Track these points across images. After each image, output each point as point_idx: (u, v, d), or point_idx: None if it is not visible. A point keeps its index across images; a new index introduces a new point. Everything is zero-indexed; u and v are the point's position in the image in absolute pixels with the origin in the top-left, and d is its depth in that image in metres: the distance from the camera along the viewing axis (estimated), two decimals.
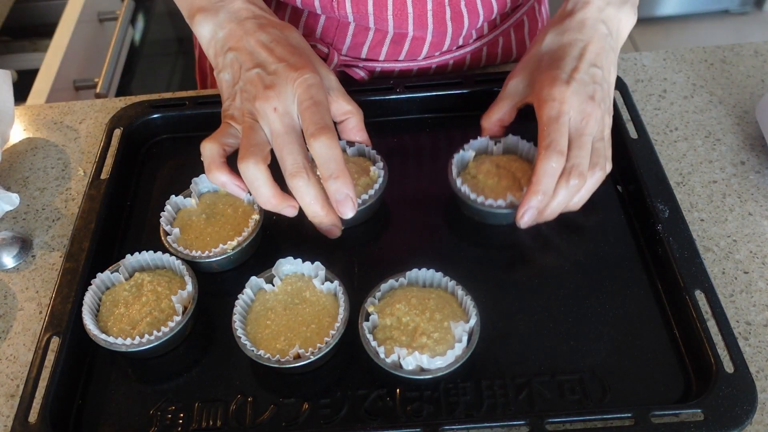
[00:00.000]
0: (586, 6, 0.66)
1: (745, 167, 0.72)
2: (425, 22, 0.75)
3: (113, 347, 0.58)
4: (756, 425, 0.55)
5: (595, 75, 0.64)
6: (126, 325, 0.60)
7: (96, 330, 0.59)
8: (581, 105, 0.62)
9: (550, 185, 0.61)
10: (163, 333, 0.58)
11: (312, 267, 0.62)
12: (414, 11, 0.74)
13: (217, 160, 0.61)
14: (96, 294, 0.62)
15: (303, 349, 0.57)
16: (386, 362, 0.55)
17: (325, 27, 0.78)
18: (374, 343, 0.56)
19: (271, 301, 0.61)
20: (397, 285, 0.61)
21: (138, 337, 0.58)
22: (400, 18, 0.74)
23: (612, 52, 0.66)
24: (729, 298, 0.62)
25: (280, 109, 0.58)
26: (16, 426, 0.55)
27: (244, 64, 0.61)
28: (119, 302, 0.61)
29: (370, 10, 0.73)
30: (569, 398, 0.56)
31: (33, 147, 0.82)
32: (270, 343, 0.58)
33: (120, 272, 0.63)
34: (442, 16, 0.75)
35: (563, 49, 0.65)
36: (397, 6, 0.73)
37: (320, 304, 0.60)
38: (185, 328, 0.60)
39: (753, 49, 0.84)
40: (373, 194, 0.66)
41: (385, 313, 0.58)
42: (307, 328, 0.59)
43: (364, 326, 0.57)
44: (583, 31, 0.65)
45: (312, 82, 0.59)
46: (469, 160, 0.69)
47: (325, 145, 0.57)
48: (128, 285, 0.63)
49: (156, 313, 0.60)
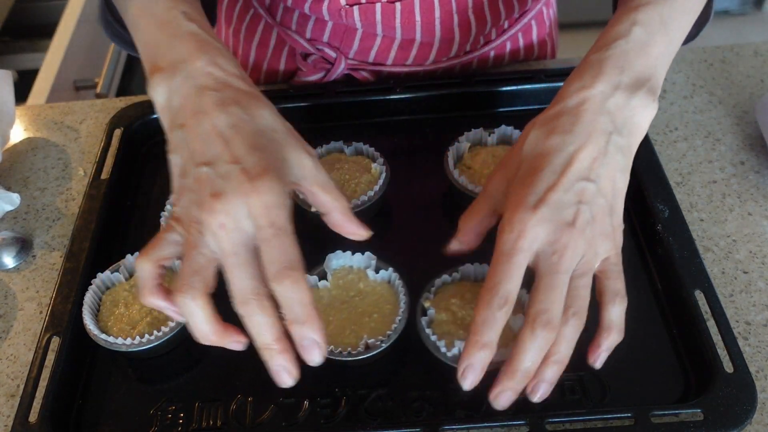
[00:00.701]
0: (585, 91, 0.51)
1: (744, 167, 0.72)
2: (433, 29, 0.75)
3: (113, 347, 0.58)
4: (756, 425, 0.55)
5: (583, 192, 0.49)
6: (126, 325, 0.60)
7: (96, 330, 0.59)
8: (552, 235, 0.48)
9: (490, 340, 0.48)
10: (163, 333, 0.58)
11: (363, 258, 0.62)
12: (422, 19, 0.74)
13: (150, 283, 0.51)
14: (96, 294, 0.62)
15: (373, 338, 0.57)
16: (447, 356, 0.56)
17: (332, 32, 0.78)
18: (434, 337, 0.56)
19: (326, 298, 0.61)
20: (450, 280, 0.61)
21: (138, 336, 0.58)
22: (408, 26, 0.74)
23: (620, 154, 0.51)
24: (729, 298, 0.62)
25: (229, 225, 0.47)
26: (16, 426, 0.55)
27: (193, 155, 0.49)
28: (119, 302, 0.62)
29: (378, 18, 0.73)
30: (569, 398, 0.56)
31: (33, 147, 0.82)
32: (336, 338, 0.58)
33: (120, 272, 0.64)
34: (449, 24, 0.75)
35: (544, 157, 0.50)
36: (405, 14, 0.73)
37: (377, 294, 0.61)
38: (185, 328, 0.60)
39: (753, 49, 0.84)
40: (378, 190, 0.66)
41: (441, 308, 0.59)
42: (370, 318, 0.59)
43: (422, 321, 0.58)
44: (576, 129, 0.50)
45: (270, 201, 0.47)
46: (464, 152, 0.69)
47: (290, 289, 0.47)
48: (128, 285, 0.63)
49: (156, 313, 0.60)
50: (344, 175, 0.68)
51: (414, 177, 0.74)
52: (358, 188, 0.67)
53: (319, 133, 0.79)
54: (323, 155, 0.71)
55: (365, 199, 0.65)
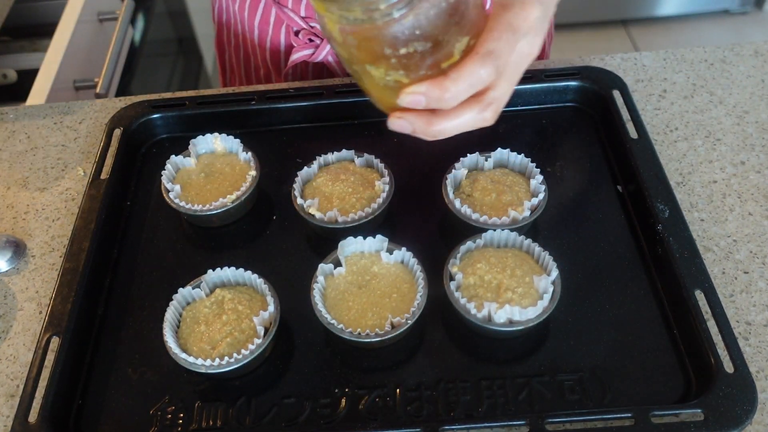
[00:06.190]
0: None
1: (745, 167, 0.72)
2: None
3: (193, 368, 0.57)
4: (756, 425, 0.55)
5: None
6: (206, 345, 0.59)
7: (177, 348, 0.58)
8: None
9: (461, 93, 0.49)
10: (243, 356, 0.57)
11: (375, 241, 0.63)
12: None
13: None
14: (177, 309, 0.61)
15: (398, 317, 0.58)
16: (477, 317, 0.57)
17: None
18: (463, 300, 0.58)
19: (342, 284, 0.62)
20: (474, 247, 0.63)
21: (218, 359, 0.57)
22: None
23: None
24: (729, 298, 0.62)
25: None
26: (16, 426, 0.55)
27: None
28: (200, 319, 0.60)
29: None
30: (569, 398, 0.56)
31: (33, 147, 0.82)
32: (359, 322, 0.59)
33: (201, 288, 0.62)
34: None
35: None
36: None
37: (392, 274, 0.62)
38: (266, 350, 0.59)
39: (753, 49, 0.84)
40: (377, 207, 0.66)
41: (468, 273, 0.60)
42: (390, 299, 0.60)
43: (451, 285, 0.59)
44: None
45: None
46: (462, 179, 0.69)
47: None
48: (209, 302, 0.61)
49: (236, 334, 0.59)
50: (347, 188, 0.68)
51: (416, 182, 0.74)
52: (358, 203, 0.67)
53: (320, 133, 0.79)
54: (333, 162, 0.71)
55: (362, 215, 0.65)
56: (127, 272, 0.68)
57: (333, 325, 0.58)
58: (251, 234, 0.70)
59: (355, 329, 0.58)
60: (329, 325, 0.58)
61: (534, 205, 0.65)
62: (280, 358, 0.61)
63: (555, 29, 0.92)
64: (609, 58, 0.84)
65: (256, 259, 0.68)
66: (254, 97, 0.78)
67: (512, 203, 0.65)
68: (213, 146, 0.73)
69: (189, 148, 0.72)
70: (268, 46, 0.87)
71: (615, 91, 0.76)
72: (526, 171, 0.69)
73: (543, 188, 0.66)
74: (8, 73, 1.31)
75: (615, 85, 0.76)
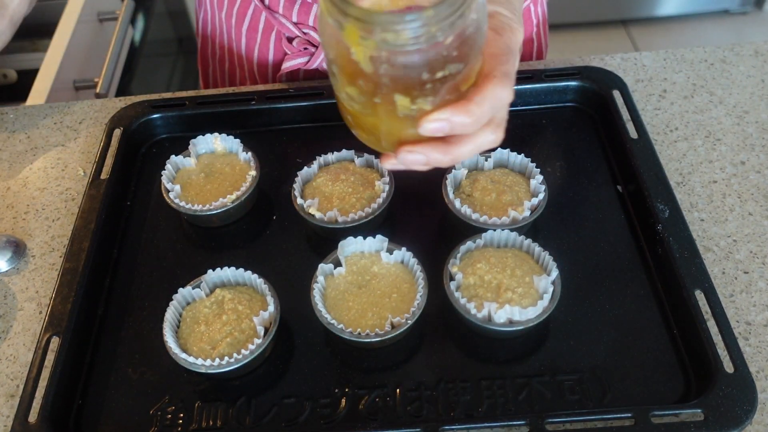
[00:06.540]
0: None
1: (745, 167, 0.72)
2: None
3: (193, 368, 0.57)
4: (756, 425, 0.55)
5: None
6: (206, 345, 0.59)
7: (177, 348, 0.58)
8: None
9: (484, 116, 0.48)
10: (243, 356, 0.57)
11: (375, 241, 0.63)
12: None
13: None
14: (177, 309, 0.61)
15: (398, 317, 0.58)
16: (477, 317, 0.57)
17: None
18: (463, 300, 0.58)
19: (342, 284, 0.62)
20: (474, 247, 0.63)
21: (218, 359, 0.57)
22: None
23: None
24: (729, 298, 0.62)
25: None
26: (16, 426, 0.55)
27: None
28: (200, 319, 0.60)
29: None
30: (569, 398, 0.56)
31: (33, 147, 0.82)
32: (359, 322, 0.59)
33: (201, 288, 0.62)
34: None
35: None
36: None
37: (392, 274, 0.62)
38: (266, 350, 0.59)
39: (753, 49, 0.84)
40: (377, 207, 0.66)
41: (468, 273, 0.60)
42: (390, 299, 0.60)
43: (451, 285, 0.59)
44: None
45: None
46: (462, 179, 0.69)
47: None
48: (209, 302, 0.61)
49: (236, 334, 0.59)
50: (347, 188, 0.68)
51: (416, 185, 0.73)
52: (358, 203, 0.67)
53: (320, 133, 0.79)
54: (333, 162, 0.71)
55: (362, 215, 0.65)
56: (127, 272, 0.68)
57: (333, 325, 0.58)
58: (251, 234, 0.70)
59: (355, 329, 0.58)
60: (329, 325, 0.58)
61: (534, 205, 0.65)
62: (280, 358, 0.61)
63: (555, 29, 0.92)
64: (609, 58, 0.84)
65: (256, 259, 0.68)
66: (254, 97, 0.78)
67: (512, 203, 0.65)
68: (213, 146, 0.73)
69: (189, 148, 0.72)
70: (255, 56, 0.86)
71: (615, 91, 0.76)
72: (526, 171, 0.69)
73: (543, 188, 0.66)
74: (8, 73, 1.31)
75: (615, 85, 0.76)
